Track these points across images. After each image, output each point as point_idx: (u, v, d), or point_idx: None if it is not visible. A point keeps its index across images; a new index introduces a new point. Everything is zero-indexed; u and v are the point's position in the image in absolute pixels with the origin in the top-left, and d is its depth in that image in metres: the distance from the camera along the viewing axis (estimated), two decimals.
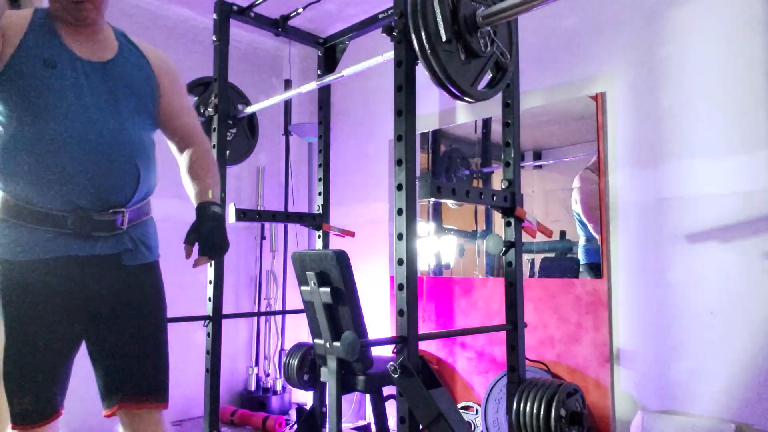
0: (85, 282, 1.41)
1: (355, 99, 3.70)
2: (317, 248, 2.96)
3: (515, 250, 2.00)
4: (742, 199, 2.18)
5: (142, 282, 1.50)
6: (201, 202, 1.55)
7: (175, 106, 1.62)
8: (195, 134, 1.65)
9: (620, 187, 2.50)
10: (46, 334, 1.37)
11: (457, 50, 1.67)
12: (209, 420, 2.49)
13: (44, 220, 1.37)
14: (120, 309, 1.46)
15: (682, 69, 2.36)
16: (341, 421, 2.01)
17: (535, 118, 2.81)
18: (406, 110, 1.73)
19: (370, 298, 3.17)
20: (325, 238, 2.99)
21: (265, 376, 3.75)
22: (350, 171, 3.69)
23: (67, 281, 1.39)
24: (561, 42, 2.74)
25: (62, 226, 1.38)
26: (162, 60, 1.62)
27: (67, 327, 1.41)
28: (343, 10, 3.50)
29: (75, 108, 1.39)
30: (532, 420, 1.77)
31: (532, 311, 2.68)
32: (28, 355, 1.36)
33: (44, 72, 1.38)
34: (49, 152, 1.36)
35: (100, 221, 1.41)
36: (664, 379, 2.34)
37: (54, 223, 1.37)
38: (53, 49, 1.41)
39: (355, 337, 1.64)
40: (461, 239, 3.15)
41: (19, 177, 1.36)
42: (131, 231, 1.48)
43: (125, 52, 1.53)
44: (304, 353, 2.68)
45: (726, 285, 2.21)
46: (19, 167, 1.36)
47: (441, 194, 1.72)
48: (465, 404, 2.90)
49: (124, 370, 1.46)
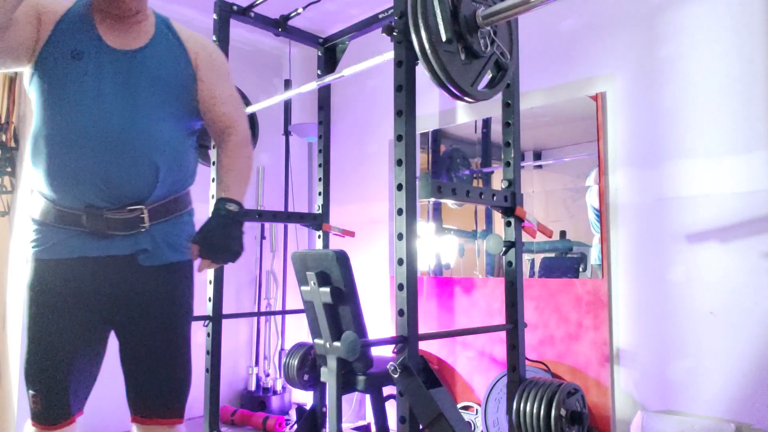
0: (101, 283, 1.35)
1: (355, 99, 3.71)
2: (317, 248, 2.96)
3: (515, 250, 2.00)
4: (742, 199, 2.19)
5: (160, 284, 1.41)
6: (217, 199, 1.46)
7: (215, 95, 1.50)
8: (232, 125, 1.53)
9: (620, 187, 2.50)
10: (58, 337, 1.33)
11: (457, 50, 1.67)
12: (209, 420, 2.49)
13: (64, 218, 1.33)
14: (135, 313, 1.39)
15: (682, 69, 2.36)
16: (341, 421, 2.01)
17: (535, 118, 2.81)
18: (406, 110, 1.73)
19: (370, 298, 3.17)
20: (325, 238, 2.99)
21: (265, 376, 3.75)
22: (350, 171, 3.69)
23: (83, 283, 1.34)
24: (561, 42, 2.74)
25: (79, 224, 1.33)
26: (202, 46, 1.51)
27: (83, 331, 1.35)
28: (344, 10, 3.50)
29: (92, 100, 1.32)
30: (532, 420, 1.78)
31: (533, 311, 2.68)
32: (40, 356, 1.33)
33: (70, 64, 1.33)
34: (63, 148, 1.31)
35: (116, 219, 1.34)
36: (664, 378, 2.34)
37: (72, 222, 1.33)
38: (84, 39, 1.35)
39: (355, 337, 1.64)
40: (461, 239, 3.15)
41: (41, 175, 1.33)
42: (154, 230, 1.39)
43: (160, 39, 1.44)
44: (304, 353, 2.68)
45: (726, 285, 2.21)
46: (41, 165, 1.33)
47: (441, 194, 1.72)
48: (465, 404, 2.90)
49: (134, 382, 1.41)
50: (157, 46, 1.43)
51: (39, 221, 1.36)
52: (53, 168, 1.31)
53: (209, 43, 1.56)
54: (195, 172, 1.55)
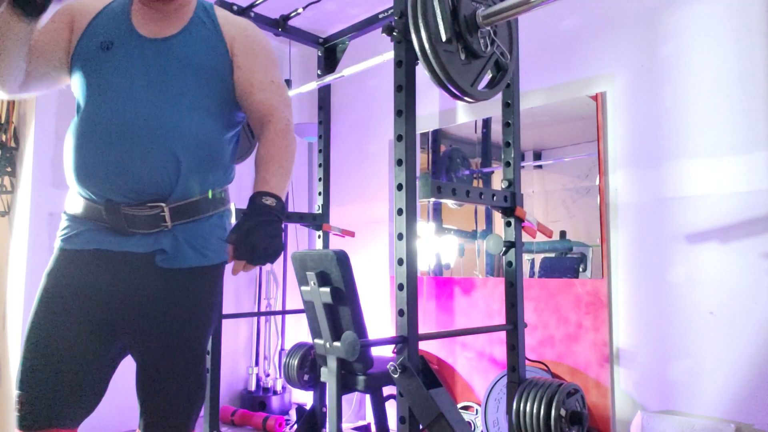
0: (115, 282, 1.26)
1: (355, 99, 3.70)
2: (317, 248, 2.96)
3: (515, 250, 2.00)
4: (742, 199, 2.18)
5: (178, 290, 1.29)
6: (253, 193, 1.29)
7: (253, 82, 1.37)
8: (271, 112, 1.38)
9: (620, 187, 2.50)
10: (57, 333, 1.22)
11: (457, 50, 1.67)
12: (209, 420, 2.49)
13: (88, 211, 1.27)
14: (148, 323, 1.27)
15: (682, 69, 2.36)
16: (341, 421, 2.01)
17: (535, 118, 2.81)
18: (406, 110, 1.73)
19: (370, 298, 3.17)
20: (325, 238, 2.99)
21: (265, 376, 3.75)
22: (350, 171, 3.69)
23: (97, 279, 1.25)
24: (561, 42, 2.74)
25: (100, 219, 1.26)
26: (240, 30, 1.40)
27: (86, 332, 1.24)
28: (344, 10, 3.50)
29: (116, 90, 1.26)
30: (532, 420, 1.78)
31: (532, 311, 2.68)
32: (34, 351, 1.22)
33: (99, 55, 1.29)
34: (83, 139, 1.26)
35: (134, 216, 1.25)
36: (663, 379, 2.34)
37: (95, 216, 1.27)
38: (116, 30, 1.31)
39: (355, 337, 1.64)
40: (461, 239, 3.15)
41: (67, 166, 1.29)
42: (178, 230, 1.29)
43: (195, 25, 1.35)
44: (304, 353, 2.68)
45: (726, 285, 2.21)
46: (67, 156, 1.29)
47: (441, 194, 1.72)
48: (465, 404, 2.90)
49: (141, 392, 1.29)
50: (190, 32, 1.34)
51: (68, 213, 1.32)
52: (75, 159, 1.27)
53: (250, 27, 1.43)
54: (233, 170, 1.44)
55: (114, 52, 1.29)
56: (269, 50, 1.44)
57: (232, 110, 1.39)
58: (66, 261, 1.28)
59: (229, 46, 1.37)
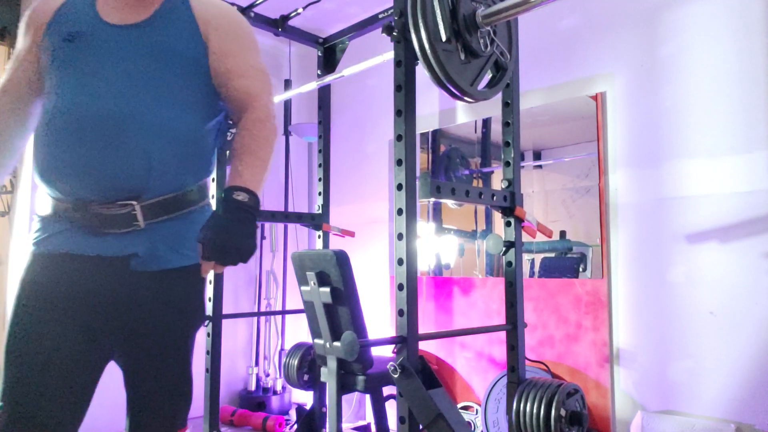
0: (90, 288, 1.18)
1: (355, 99, 3.70)
2: (317, 248, 2.96)
3: (515, 250, 2.00)
4: (742, 199, 2.18)
5: (157, 294, 1.22)
6: (226, 187, 1.22)
7: (230, 67, 1.29)
8: (250, 99, 1.30)
9: (620, 186, 2.50)
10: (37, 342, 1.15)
11: (456, 50, 1.67)
12: (209, 420, 2.49)
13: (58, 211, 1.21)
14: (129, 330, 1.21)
15: (682, 69, 2.36)
16: (341, 421, 2.01)
17: (535, 118, 2.81)
18: (406, 110, 1.73)
19: (370, 298, 3.17)
20: (325, 238, 2.99)
21: (265, 376, 3.75)
22: (350, 171, 3.69)
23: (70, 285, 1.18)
24: (561, 42, 2.74)
25: (72, 218, 1.19)
26: (214, 13, 1.31)
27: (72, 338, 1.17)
28: (343, 10, 3.50)
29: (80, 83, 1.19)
30: (532, 420, 1.77)
31: (532, 311, 2.68)
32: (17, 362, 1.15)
33: (63, 48, 1.21)
34: (51, 136, 1.19)
35: (105, 215, 1.18)
36: (663, 379, 2.34)
37: (64, 216, 1.20)
38: (80, 20, 1.24)
39: (354, 337, 1.64)
40: (461, 239, 3.15)
41: (34, 166, 1.23)
42: (153, 229, 1.21)
43: (166, 10, 1.27)
44: (304, 353, 2.68)
45: (726, 285, 2.21)
46: (34, 155, 1.23)
47: (441, 194, 1.72)
48: (465, 404, 2.90)
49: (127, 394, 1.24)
50: (160, 18, 1.25)
51: (39, 215, 1.27)
52: (40, 157, 1.20)
53: (227, 9, 1.34)
54: (213, 162, 1.37)
55: (79, 44, 1.21)
56: (248, 33, 1.36)
57: (211, 98, 1.31)
58: (39, 267, 1.21)
59: (202, 30, 1.27)
